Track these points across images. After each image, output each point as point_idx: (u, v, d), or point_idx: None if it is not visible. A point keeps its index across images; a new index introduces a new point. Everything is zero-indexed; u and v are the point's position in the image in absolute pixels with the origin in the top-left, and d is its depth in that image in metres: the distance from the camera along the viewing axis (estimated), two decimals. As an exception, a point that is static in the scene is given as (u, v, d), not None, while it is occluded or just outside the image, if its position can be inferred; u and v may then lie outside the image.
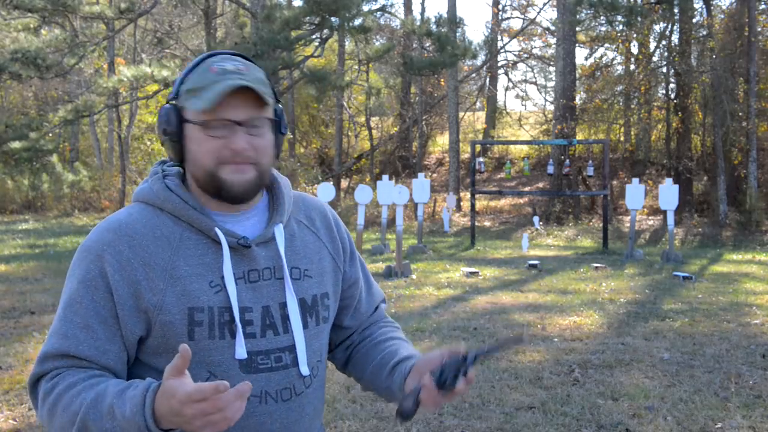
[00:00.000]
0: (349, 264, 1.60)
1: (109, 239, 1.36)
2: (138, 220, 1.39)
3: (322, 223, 1.57)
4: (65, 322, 1.34)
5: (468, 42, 16.16)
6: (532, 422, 4.01)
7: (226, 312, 1.36)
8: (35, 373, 1.34)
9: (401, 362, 1.49)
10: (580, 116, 19.51)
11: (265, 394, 1.40)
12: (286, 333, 1.42)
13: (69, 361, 1.32)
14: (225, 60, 1.38)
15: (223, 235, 1.37)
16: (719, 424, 3.97)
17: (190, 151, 1.38)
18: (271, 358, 1.40)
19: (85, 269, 1.35)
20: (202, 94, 1.34)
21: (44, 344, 1.36)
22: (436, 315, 6.98)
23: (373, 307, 1.67)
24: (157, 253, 1.36)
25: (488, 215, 18.98)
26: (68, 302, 1.35)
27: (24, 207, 21.12)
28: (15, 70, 12.47)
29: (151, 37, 25.58)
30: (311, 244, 1.51)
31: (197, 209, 1.38)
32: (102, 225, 1.40)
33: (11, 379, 4.80)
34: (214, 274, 1.37)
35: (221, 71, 1.34)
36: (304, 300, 1.46)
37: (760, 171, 16.79)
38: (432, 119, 24.85)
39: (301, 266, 1.47)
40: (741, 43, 16.72)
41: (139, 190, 1.45)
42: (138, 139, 25.06)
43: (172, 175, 1.45)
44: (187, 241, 1.38)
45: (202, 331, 1.35)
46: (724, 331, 6.19)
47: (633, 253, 11.43)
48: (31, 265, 10.38)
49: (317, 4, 13.16)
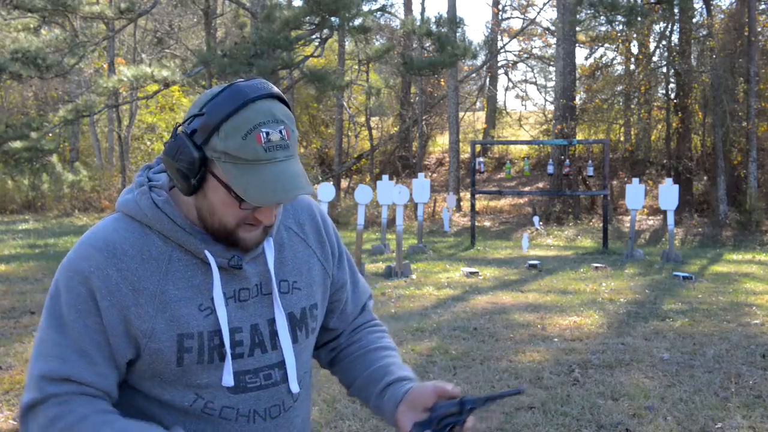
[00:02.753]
0: (337, 267, 1.56)
1: (96, 261, 1.29)
2: (126, 239, 1.32)
3: (311, 226, 1.52)
4: (59, 345, 1.28)
5: (468, 42, 16.14)
6: (532, 422, 4.01)
7: (215, 336, 1.33)
8: (35, 398, 1.27)
9: (393, 384, 1.47)
10: (580, 116, 19.51)
11: (254, 413, 1.38)
12: (274, 349, 1.40)
13: (71, 386, 1.27)
14: (270, 121, 1.24)
15: (213, 257, 1.33)
16: (719, 424, 3.97)
17: (207, 199, 1.30)
18: (260, 376, 1.38)
19: (75, 292, 1.28)
20: (248, 179, 1.23)
21: (35, 366, 1.29)
22: (436, 315, 6.98)
23: (360, 306, 1.64)
24: (146, 276, 1.30)
25: (488, 215, 18.98)
26: (58, 325, 1.29)
27: (24, 207, 21.11)
28: (15, 70, 12.46)
29: (151, 37, 25.60)
30: (300, 253, 1.48)
31: (186, 229, 1.33)
32: (87, 241, 1.33)
33: (11, 379, 4.80)
34: (204, 297, 1.33)
35: (268, 144, 1.23)
36: (292, 314, 1.43)
37: (760, 171, 16.78)
38: (432, 119, 24.85)
39: (290, 279, 1.44)
40: (741, 43, 16.72)
41: (123, 202, 1.37)
42: (138, 139, 25.06)
43: (160, 187, 1.37)
44: (176, 263, 1.33)
45: (191, 357, 1.32)
46: (724, 331, 6.19)
47: (633, 253, 11.43)
48: (31, 265, 10.38)
49: (317, 4, 13.16)
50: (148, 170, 1.42)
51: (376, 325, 1.65)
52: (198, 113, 1.26)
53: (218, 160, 1.24)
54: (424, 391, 1.39)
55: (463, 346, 5.72)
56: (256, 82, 1.28)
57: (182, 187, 1.29)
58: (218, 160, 1.24)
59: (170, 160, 1.28)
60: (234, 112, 1.23)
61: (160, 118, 25.25)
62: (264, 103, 1.25)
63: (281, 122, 1.25)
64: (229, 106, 1.24)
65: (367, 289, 1.68)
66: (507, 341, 5.91)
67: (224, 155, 1.23)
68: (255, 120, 1.23)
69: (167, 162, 1.29)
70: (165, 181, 1.38)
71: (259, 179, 1.23)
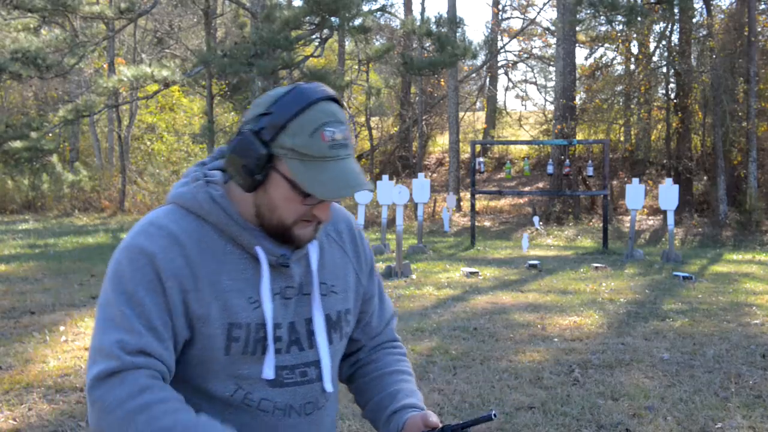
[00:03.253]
0: (368, 279, 1.62)
1: (161, 244, 1.34)
2: (183, 228, 1.37)
3: (349, 236, 1.59)
4: (131, 319, 1.30)
5: (468, 42, 16.16)
6: (532, 422, 4.01)
7: (261, 329, 1.39)
8: (113, 366, 1.28)
9: (397, 413, 1.53)
10: (580, 116, 19.51)
11: (290, 407, 1.44)
12: (311, 348, 1.46)
13: (147, 359, 1.30)
14: (333, 121, 1.33)
15: (264, 253, 1.39)
16: (719, 424, 3.97)
17: (268, 195, 1.36)
18: (297, 373, 1.44)
19: (141, 272, 1.32)
20: (314, 175, 1.31)
21: (108, 336, 1.30)
22: (436, 315, 6.98)
23: (384, 323, 1.69)
24: (203, 264, 1.36)
25: (488, 215, 18.98)
26: (127, 300, 1.32)
27: (24, 207, 21.11)
28: (15, 70, 12.47)
29: (151, 37, 25.60)
30: (338, 260, 1.54)
31: (240, 225, 1.38)
32: (147, 228, 1.38)
33: (11, 378, 4.79)
34: (253, 290, 1.39)
35: (332, 143, 1.31)
36: (329, 316, 1.49)
37: (760, 171, 16.79)
38: (432, 119, 24.85)
39: (328, 282, 1.50)
40: (741, 43, 16.72)
41: (178, 194, 1.42)
42: (138, 139, 25.06)
43: (216, 182, 1.42)
44: (230, 255, 1.39)
45: (238, 347, 1.37)
46: (724, 331, 6.19)
47: (633, 253, 11.43)
48: (31, 265, 10.38)
49: (317, 4, 13.16)
50: (202, 166, 1.47)
51: (396, 347, 1.70)
52: (265, 112, 1.33)
53: (285, 156, 1.31)
54: (415, 421, 1.47)
55: (463, 346, 5.72)
56: (316, 85, 1.36)
57: (245, 183, 1.34)
58: (285, 156, 1.31)
59: (236, 156, 1.34)
60: (300, 112, 1.31)
61: (160, 118, 25.25)
62: (326, 104, 1.33)
63: (342, 122, 1.34)
64: (295, 106, 1.31)
65: (392, 308, 1.74)
66: (507, 341, 5.91)
67: (291, 152, 1.31)
68: (320, 119, 1.31)
69: (232, 159, 1.35)
70: (220, 178, 1.43)
71: (324, 175, 1.31)
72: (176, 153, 24.23)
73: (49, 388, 4.58)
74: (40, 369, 5.01)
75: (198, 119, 24.19)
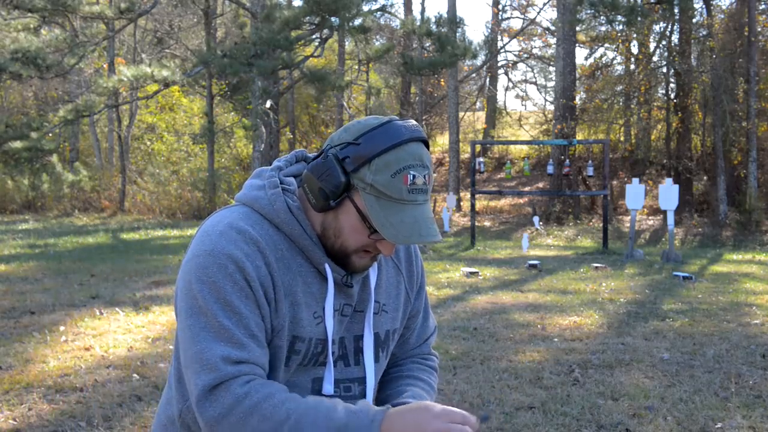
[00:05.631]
0: (416, 296, 1.62)
1: (245, 250, 1.34)
2: (261, 234, 1.37)
3: (405, 254, 1.59)
4: (231, 329, 1.31)
5: (468, 42, 16.17)
6: (532, 422, 4.01)
7: (320, 344, 1.40)
8: (217, 378, 1.29)
9: None
10: (580, 116, 19.51)
11: None
12: (357, 365, 1.47)
13: (249, 366, 1.31)
14: (418, 165, 1.31)
15: (331, 271, 1.40)
16: (719, 424, 3.97)
17: (338, 220, 1.36)
18: (341, 387, 1.45)
19: (232, 279, 1.32)
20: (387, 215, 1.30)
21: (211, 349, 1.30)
22: (436, 315, 6.98)
23: (423, 340, 1.68)
24: (281, 274, 1.36)
25: (488, 215, 18.98)
26: (224, 309, 1.31)
27: (24, 207, 21.11)
28: (15, 70, 12.47)
29: (151, 37, 25.60)
30: (393, 278, 1.54)
31: (313, 240, 1.39)
32: (228, 231, 1.36)
33: (11, 379, 4.79)
34: (318, 306, 1.40)
35: (412, 187, 1.30)
36: (378, 334, 1.50)
37: (760, 171, 16.80)
38: (432, 119, 24.87)
39: (381, 301, 1.51)
40: (741, 43, 16.73)
41: (254, 198, 1.41)
42: (138, 139, 25.06)
43: (293, 192, 1.42)
44: (301, 268, 1.39)
45: (297, 360, 1.39)
46: (724, 331, 6.19)
47: (633, 253, 11.43)
48: (31, 265, 10.37)
49: (317, 4, 13.17)
50: (279, 171, 1.46)
51: (427, 359, 1.68)
52: (353, 141, 1.32)
53: (363, 190, 1.31)
54: None
55: (463, 346, 5.72)
56: (411, 124, 1.35)
57: (317, 204, 1.35)
58: (363, 190, 1.31)
59: (315, 178, 1.34)
60: (388, 150, 1.30)
61: (160, 118, 25.25)
62: (415, 146, 1.32)
63: (426, 167, 1.33)
64: (384, 143, 1.30)
65: (434, 325, 1.72)
66: (507, 341, 5.91)
67: (370, 187, 1.30)
68: (405, 161, 1.30)
69: (310, 178, 1.35)
70: (296, 187, 1.43)
71: (397, 218, 1.30)
72: (176, 153, 24.23)
73: (49, 388, 4.57)
74: (40, 369, 5.00)
75: (198, 119, 24.19)
